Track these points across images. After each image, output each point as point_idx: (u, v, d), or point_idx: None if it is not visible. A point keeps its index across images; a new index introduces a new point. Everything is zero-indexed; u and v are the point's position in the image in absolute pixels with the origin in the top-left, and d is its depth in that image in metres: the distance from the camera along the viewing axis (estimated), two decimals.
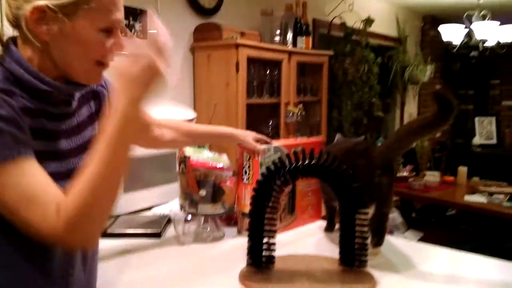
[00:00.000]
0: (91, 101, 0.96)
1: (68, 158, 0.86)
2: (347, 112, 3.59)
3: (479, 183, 3.88)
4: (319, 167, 1.10)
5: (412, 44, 4.91)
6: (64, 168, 0.85)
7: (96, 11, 0.79)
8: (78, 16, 0.78)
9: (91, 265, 0.94)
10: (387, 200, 1.25)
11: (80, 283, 0.89)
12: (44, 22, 0.77)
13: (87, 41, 0.80)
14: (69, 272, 0.86)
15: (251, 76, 2.54)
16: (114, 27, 0.83)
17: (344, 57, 3.55)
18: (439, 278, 1.16)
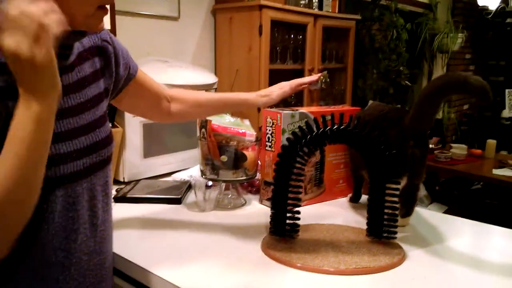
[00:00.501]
0: (95, 57, 0.90)
1: (68, 117, 0.80)
2: (372, 81, 3.46)
3: (508, 156, 3.75)
4: (348, 133, 1.03)
5: (443, 11, 4.69)
6: (64, 128, 0.79)
7: None
8: None
9: (103, 232, 0.90)
10: (419, 172, 1.18)
11: (89, 249, 0.86)
12: None
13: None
14: (71, 238, 0.81)
15: (274, 41, 2.45)
16: None
17: (372, 22, 3.41)
18: (466, 250, 1.11)
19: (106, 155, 0.89)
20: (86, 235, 0.85)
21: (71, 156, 0.79)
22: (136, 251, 1.05)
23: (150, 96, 1.13)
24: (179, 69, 1.98)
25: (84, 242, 0.84)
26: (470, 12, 5.13)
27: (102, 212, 0.89)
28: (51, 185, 0.76)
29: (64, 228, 0.80)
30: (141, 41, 2.14)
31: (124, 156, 1.61)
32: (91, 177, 0.85)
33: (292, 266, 0.98)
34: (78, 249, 0.83)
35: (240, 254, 1.05)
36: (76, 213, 0.82)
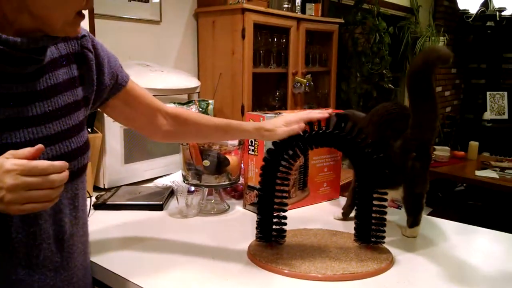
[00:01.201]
0: (72, 64, 0.85)
1: (31, 126, 0.75)
2: (356, 84, 3.47)
3: (490, 158, 3.79)
4: (335, 137, 1.01)
5: (424, 15, 4.74)
6: (26, 138, 0.74)
7: None
8: None
9: (71, 246, 0.85)
10: (419, 182, 1.13)
11: (54, 265, 0.81)
12: None
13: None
14: (32, 254, 0.77)
15: (257, 44, 2.43)
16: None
17: (355, 26, 3.41)
18: (453, 252, 1.10)
19: (76, 167, 0.83)
20: (51, 251, 0.80)
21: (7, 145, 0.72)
22: (116, 260, 1.01)
23: (144, 109, 1.05)
24: (160, 73, 1.94)
25: (48, 257, 0.79)
26: (451, 16, 5.20)
27: (70, 226, 0.84)
28: None
29: (24, 244, 0.76)
30: (123, 45, 2.10)
31: (104, 162, 1.57)
32: None
33: (279, 273, 0.95)
34: (41, 265, 0.78)
35: (225, 261, 1.02)
36: (38, 227, 0.77)
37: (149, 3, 2.19)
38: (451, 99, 5.67)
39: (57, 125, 0.79)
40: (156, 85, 1.84)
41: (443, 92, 5.38)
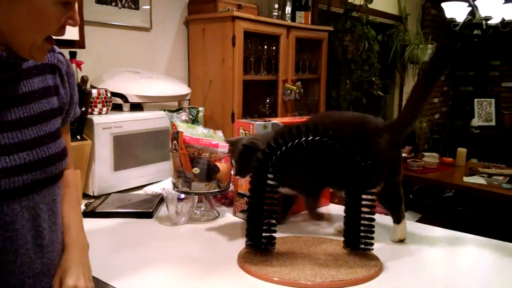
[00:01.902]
0: (47, 74, 0.86)
1: (6, 131, 0.76)
2: (346, 91, 3.50)
3: (478, 164, 3.83)
4: (323, 144, 1.01)
5: (413, 23, 4.80)
6: (11, 141, 0.75)
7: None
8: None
9: (51, 253, 0.84)
10: (399, 169, 1.18)
11: (34, 271, 0.80)
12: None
13: (41, 11, 0.70)
14: (9, 259, 0.76)
15: (248, 52, 2.44)
16: (72, 0, 0.73)
17: (344, 34, 3.45)
18: (441, 259, 1.11)
19: (54, 172, 0.83)
20: (30, 257, 0.79)
21: (7, 171, 0.74)
22: (104, 268, 1.01)
23: None
24: (151, 80, 1.94)
25: (27, 264, 0.79)
26: (439, 24, 5.27)
27: (49, 232, 0.83)
28: None
29: (1, 249, 0.75)
30: (113, 52, 2.10)
31: (94, 170, 1.56)
32: (33, 195, 0.79)
33: (268, 280, 0.96)
34: (19, 271, 0.78)
35: (215, 269, 1.02)
36: (14, 232, 0.76)
37: (139, 10, 2.19)
38: (440, 106, 5.74)
39: (33, 131, 0.80)
40: (147, 92, 1.84)
41: (431, 99, 5.44)
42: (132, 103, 1.81)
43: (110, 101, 1.69)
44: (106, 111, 1.67)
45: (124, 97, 1.79)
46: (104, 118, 1.60)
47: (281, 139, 1.02)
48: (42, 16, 0.71)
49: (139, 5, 2.18)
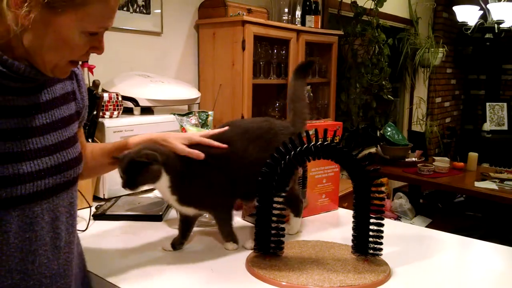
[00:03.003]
0: (66, 80, 0.88)
1: (32, 137, 0.79)
2: (355, 95, 3.49)
3: (490, 169, 3.79)
4: (332, 149, 1.02)
5: (424, 26, 4.78)
6: (26, 148, 0.77)
7: (89, 15, 0.73)
8: (66, 12, 0.71)
9: (67, 254, 0.86)
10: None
11: (51, 272, 0.82)
12: (27, 5, 0.69)
13: (67, 39, 0.73)
14: (28, 260, 0.78)
15: (257, 56, 2.45)
16: (100, 31, 0.77)
17: (354, 37, 3.44)
18: (451, 266, 1.10)
19: (72, 176, 0.86)
20: (48, 257, 0.81)
21: (31, 176, 0.77)
22: (114, 270, 1.02)
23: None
24: (161, 84, 1.96)
25: (44, 264, 0.80)
26: (450, 28, 5.24)
27: (66, 234, 0.86)
28: (5, 206, 0.74)
29: (20, 249, 0.77)
30: (124, 56, 2.12)
31: None
32: (53, 198, 0.82)
33: (276, 285, 0.96)
34: (37, 271, 0.79)
35: (224, 272, 1.02)
36: (33, 234, 0.79)
37: (150, 15, 2.21)
38: (451, 110, 5.70)
39: (54, 136, 0.82)
40: (157, 96, 1.85)
41: (442, 103, 5.40)
42: (143, 106, 1.82)
43: (121, 105, 1.71)
44: (117, 115, 1.69)
45: (135, 101, 1.80)
46: (115, 122, 1.62)
47: (290, 143, 1.02)
48: (67, 44, 0.74)
49: (151, 10, 2.21)
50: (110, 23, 0.77)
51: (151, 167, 1.01)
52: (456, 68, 5.59)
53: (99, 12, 0.74)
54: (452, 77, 5.57)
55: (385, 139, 3.83)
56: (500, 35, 3.99)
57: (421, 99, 4.95)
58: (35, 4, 0.69)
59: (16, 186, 0.75)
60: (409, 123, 4.88)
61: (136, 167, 1.00)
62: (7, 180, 0.73)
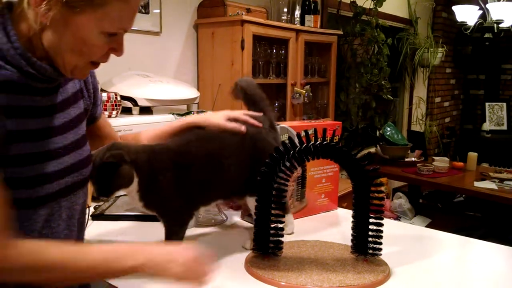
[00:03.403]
0: (75, 79, 0.90)
1: (53, 136, 0.81)
2: (355, 95, 3.48)
3: (489, 169, 3.79)
4: (331, 148, 1.01)
5: (423, 26, 4.77)
6: (49, 147, 0.80)
7: (107, 15, 0.73)
8: (85, 11, 0.71)
9: None
10: None
11: None
12: (47, 4, 0.70)
13: (86, 39, 0.74)
14: None
15: (256, 55, 2.45)
16: (119, 33, 0.77)
17: (353, 37, 3.44)
18: (450, 265, 1.10)
19: (87, 173, 0.89)
20: None
21: (55, 175, 0.80)
22: None
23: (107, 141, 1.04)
24: (160, 84, 1.96)
25: None
26: (449, 28, 5.23)
27: (76, 232, 0.88)
28: (34, 205, 0.77)
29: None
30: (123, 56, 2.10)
31: None
32: (71, 195, 0.85)
33: (275, 285, 0.95)
34: None
35: (223, 273, 1.02)
36: (50, 230, 0.81)
37: (149, 14, 2.21)
38: (450, 110, 5.69)
39: (71, 135, 0.85)
40: (156, 95, 1.85)
41: (442, 103, 5.40)
42: (142, 106, 1.82)
43: (120, 105, 1.71)
44: (116, 115, 1.68)
45: (134, 100, 1.80)
46: (113, 122, 1.61)
47: (289, 143, 1.02)
48: (85, 44, 0.75)
49: (150, 9, 2.20)
50: (130, 24, 0.77)
51: (121, 169, 0.91)
52: (455, 68, 5.59)
53: (118, 12, 0.73)
54: (451, 77, 5.57)
55: (384, 139, 3.83)
56: (499, 34, 3.99)
57: (421, 99, 4.95)
58: (54, 3, 0.70)
59: (43, 185, 0.77)
60: (408, 123, 4.88)
61: (105, 171, 0.90)
62: (35, 180, 0.76)
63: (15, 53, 0.72)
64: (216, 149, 1.06)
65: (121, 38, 0.78)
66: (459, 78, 5.77)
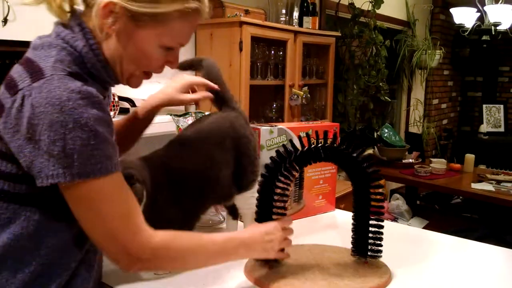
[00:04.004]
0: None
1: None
2: (353, 97, 3.49)
3: (486, 171, 3.80)
4: (334, 151, 1.00)
5: (421, 28, 4.78)
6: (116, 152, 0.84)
7: (168, 31, 0.78)
8: (148, 26, 0.77)
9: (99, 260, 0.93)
10: None
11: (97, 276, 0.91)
12: (113, 17, 0.75)
13: (145, 52, 0.80)
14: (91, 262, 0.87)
15: (255, 57, 2.45)
16: (176, 47, 0.83)
17: (352, 39, 3.44)
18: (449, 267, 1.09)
19: None
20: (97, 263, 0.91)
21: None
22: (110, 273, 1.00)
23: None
24: (158, 85, 1.94)
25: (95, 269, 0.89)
26: (447, 30, 5.25)
27: None
28: None
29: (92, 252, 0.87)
30: None
31: None
32: None
33: None
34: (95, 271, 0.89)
35: (221, 280, 1.00)
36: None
37: None
38: (448, 112, 5.70)
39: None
40: None
41: (439, 105, 5.41)
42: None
43: (118, 105, 1.70)
44: (114, 115, 1.67)
45: (131, 101, 1.79)
46: None
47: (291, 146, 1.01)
48: (145, 56, 0.80)
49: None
50: (187, 40, 0.83)
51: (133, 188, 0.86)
52: (453, 70, 5.60)
53: (179, 29, 0.79)
54: (449, 79, 5.58)
55: (382, 140, 3.83)
56: (497, 37, 4.00)
57: (418, 100, 4.96)
58: (121, 16, 0.75)
59: None
60: (406, 124, 4.88)
61: None
62: None
63: (100, 67, 0.78)
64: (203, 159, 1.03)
65: (177, 52, 0.84)
66: (456, 80, 5.78)
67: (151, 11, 0.75)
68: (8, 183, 0.75)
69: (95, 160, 0.70)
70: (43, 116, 0.68)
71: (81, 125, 0.68)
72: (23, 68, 0.73)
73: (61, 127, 0.68)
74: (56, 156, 0.69)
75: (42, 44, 0.76)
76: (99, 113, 0.71)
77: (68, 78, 0.71)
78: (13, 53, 1.52)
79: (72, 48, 0.75)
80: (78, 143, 0.69)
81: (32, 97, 0.69)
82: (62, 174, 0.69)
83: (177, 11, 0.77)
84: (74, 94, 0.69)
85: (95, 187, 0.72)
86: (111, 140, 0.74)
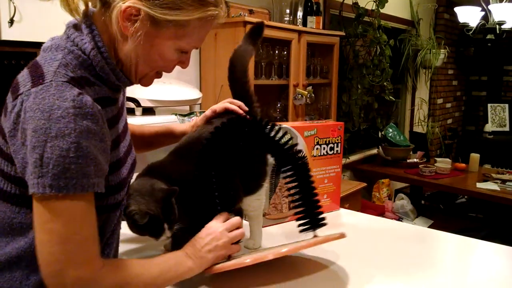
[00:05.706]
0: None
1: (122, 140, 0.86)
2: (357, 96, 3.49)
3: (491, 170, 3.79)
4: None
5: (425, 28, 4.77)
6: (122, 152, 0.85)
7: (186, 36, 0.80)
8: (168, 32, 0.78)
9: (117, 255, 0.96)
10: None
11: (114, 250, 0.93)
12: (133, 20, 0.76)
13: (162, 54, 0.80)
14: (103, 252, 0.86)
15: (259, 56, 2.45)
16: (189, 50, 0.84)
17: (356, 38, 3.44)
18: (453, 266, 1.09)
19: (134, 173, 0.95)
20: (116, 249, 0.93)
21: (127, 177, 0.86)
22: None
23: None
24: (162, 85, 1.96)
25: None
26: (451, 29, 5.23)
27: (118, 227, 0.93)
28: (115, 208, 0.83)
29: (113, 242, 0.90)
30: None
31: None
32: (125, 198, 0.89)
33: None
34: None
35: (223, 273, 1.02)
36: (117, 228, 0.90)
37: None
38: (453, 111, 5.69)
39: (127, 136, 0.91)
40: (158, 96, 1.86)
41: (444, 104, 5.40)
42: (144, 107, 1.82)
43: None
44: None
45: (137, 101, 1.80)
46: None
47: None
48: (161, 58, 0.81)
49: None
50: (201, 44, 0.84)
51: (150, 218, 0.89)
52: (457, 69, 5.58)
53: (196, 34, 0.81)
54: (453, 78, 5.57)
55: (386, 140, 3.83)
56: (501, 36, 3.99)
57: (423, 100, 4.95)
58: (142, 19, 0.75)
59: (120, 191, 0.83)
60: (410, 124, 4.88)
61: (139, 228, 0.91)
62: (115, 187, 0.81)
63: (108, 70, 0.78)
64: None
65: (190, 54, 0.85)
66: (461, 79, 5.76)
67: (174, 18, 0.76)
68: (18, 187, 0.74)
69: (70, 174, 0.67)
70: (31, 121, 0.67)
71: (63, 135, 0.66)
72: (28, 72, 0.73)
73: (43, 134, 0.66)
74: (33, 164, 0.66)
75: (51, 46, 0.76)
76: (90, 125, 0.69)
77: (66, 85, 0.69)
78: (19, 53, 1.54)
79: (80, 50, 0.75)
80: (57, 153, 0.66)
81: (27, 102, 0.68)
82: (36, 185, 0.67)
83: (198, 18, 0.78)
84: (67, 103, 0.67)
85: (65, 205, 0.68)
86: (94, 156, 0.70)
